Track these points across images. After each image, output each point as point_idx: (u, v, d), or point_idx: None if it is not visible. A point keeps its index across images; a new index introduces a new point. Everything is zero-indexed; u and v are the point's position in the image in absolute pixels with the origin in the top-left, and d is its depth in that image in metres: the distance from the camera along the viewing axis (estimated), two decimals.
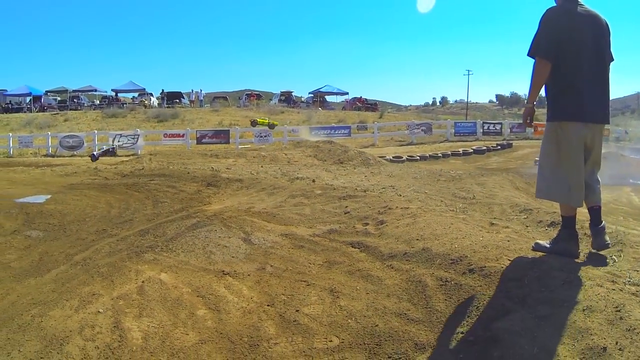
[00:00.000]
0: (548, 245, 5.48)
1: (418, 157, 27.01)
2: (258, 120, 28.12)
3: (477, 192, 11.31)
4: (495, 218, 8.25)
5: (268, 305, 5.61)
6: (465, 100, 70.45)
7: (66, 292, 6.63)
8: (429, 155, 27.73)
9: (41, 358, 4.94)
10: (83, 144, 31.61)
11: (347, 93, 48.44)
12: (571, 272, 4.78)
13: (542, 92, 5.33)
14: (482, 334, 4.23)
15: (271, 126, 30.19)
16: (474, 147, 30.17)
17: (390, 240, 7.14)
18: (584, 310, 4.15)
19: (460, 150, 29.55)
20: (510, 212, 8.93)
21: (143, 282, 6.56)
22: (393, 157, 25.86)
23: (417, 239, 6.79)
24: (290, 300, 5.65)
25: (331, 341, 4.70)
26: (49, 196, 14.92)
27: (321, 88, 46.97)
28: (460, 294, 5.01)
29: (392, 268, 6.14)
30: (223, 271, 6.80)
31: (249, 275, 6.61)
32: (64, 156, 29.29)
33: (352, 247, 7.27)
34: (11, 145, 31.82)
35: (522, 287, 4.66)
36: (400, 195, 10.27)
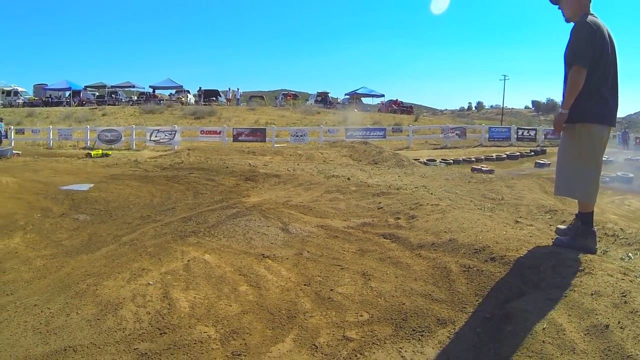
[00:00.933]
0: (567, 241, 5.89)
1: (451, 161, 27.27)
2: (92, 153, 27.42)
3: (506, 194, 11.68)
4: (520, 217, 8.65)
5: (305, 285, 6.15)
6: (501, 105, 70.29)
7: (117, 267, 7.32)
8: (462, 159, 27.96)
9: (98, 319, 5.60)
10: (121, 138, 32.59)
11: (383, 95, 48.80)
12: (585, 263, 5.20)
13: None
14: (497, 312, 4.71)
15: (105, 155, 29.65)
16: (507, 153, 30.29)
17: (420, 232, 7.64)
18: (592, 294, 4.58)
19: (494, 155, 29.71)
20: (536, 213, 9.32)
21: (188, 261, 7.18)
22: (427, 160, 26.17)
23: (445, 232, 7.28)
24: (325, 281, 6.19)
25: (362, 316, 5.21)
26: (92, 185, 15.78)
27: (357, 90, 47.34)
28: (481, 278, 5.48)
29: (421, 256, 6.64)
30: (263, 254, 7.38)
31: (287, 258, 7.17)
32: (102, 149, 30.20)
33: (384, 238, 7.77)
34: (51, 137, 32.90)
35: (537, 274, 5.12)
36: (432, 194, 10.71)
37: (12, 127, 33.15)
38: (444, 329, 4.73)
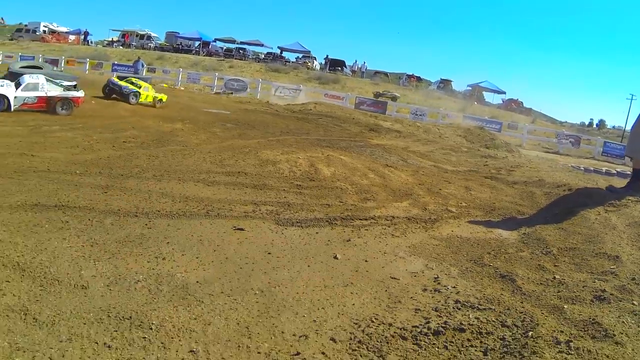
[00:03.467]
0: (619, 188, 7.40)
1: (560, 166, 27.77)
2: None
3: (602, 185, 12.93)
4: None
5: (419, 184, 8.04)
6: (624, 127, 67.32)
7: (269, 147, 9.68)
8: (571, 166, 28.42)
9: (260, 166, 7.94)
10: (247, 88, 34.74)
11: (504, 92, 48.74)
12: None
13: None
14: (564, 210, 6.40)
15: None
16: (617, 170, 30.13)
17: (515, 177, 9.31)
18: None
19: (604, 169, 29.69)
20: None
21: (327, 155, 9.29)
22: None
23: (536, 177, 8.94)
24: (435, 185, 8.06)
25: (461, 204, 7.04)
26: (229, 112, 18.29)
27: (480, 82, 47.56)
28: (557, 197, 7.18)
29: (513, 187, 8.36)
30: (386, 164, 9.35)
31: (405, 170, 9.10)
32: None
33: (485, 178, 9.47)
34: (180, 79, 35.55)
35: (602, 197, 6.73)
36: (532, 163, 12.21)
37: (145, 64, 36.17)
38: (522, 216, 6.50)
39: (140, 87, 17.05)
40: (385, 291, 3.77)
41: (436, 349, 2.85)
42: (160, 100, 17.26)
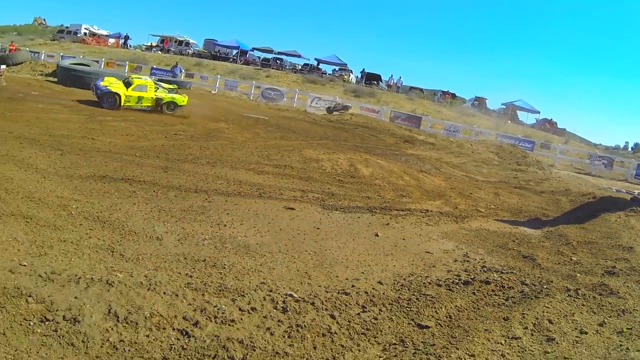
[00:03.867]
0: None
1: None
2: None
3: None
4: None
5: (451, 188, 8.55)
6: None
7: (311, 148, 10.27)
8: (602, 187, 28.55)
9: (304, 162, 8.59)
10: (283, 98, 35.35)
11: (538, 112, 48.37)
12: None
13: None
14: (587, 214, 6.86)
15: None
16: None
17: (544, 187, 9.75)
18: None
19: (636, 191, 29.69)
20: None
21: (365, 159, 9.83)
22: None
23: (563, 187, 9.39)
24: (466, 189, 8.56)
25: (490, 207, 7.52)
26: (268, 118, 18.90)
27: (515, 101, 47.41)
28: (582, 204, 7.61)
29: (540, 195, 8.81)
30: (421, 170, 9.87)
31: (438, 175, 9.61)
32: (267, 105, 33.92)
33: (515, 188, 9.92)
34: (217, 85, 36.22)
35: (625, 205, 7.18)
36: (561, 178, 12.60)
37: (183, 69, 37.00)
38: (546, 218, 6.96)
39: (130, 86, 13.48)
40: (421, 260, 4.35)
41: (465, 293, 3.44)
42: (173, 104, 13.74)
